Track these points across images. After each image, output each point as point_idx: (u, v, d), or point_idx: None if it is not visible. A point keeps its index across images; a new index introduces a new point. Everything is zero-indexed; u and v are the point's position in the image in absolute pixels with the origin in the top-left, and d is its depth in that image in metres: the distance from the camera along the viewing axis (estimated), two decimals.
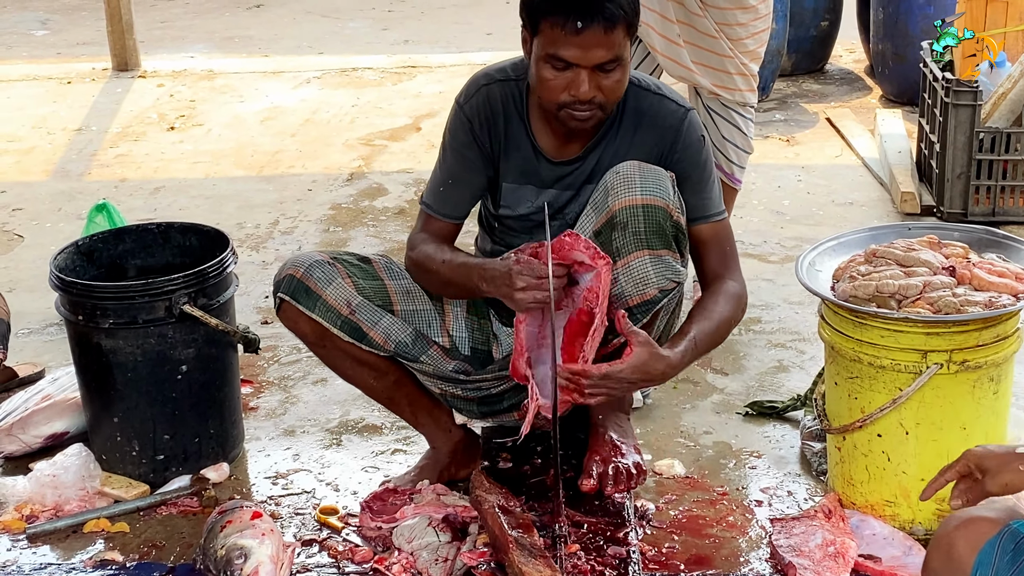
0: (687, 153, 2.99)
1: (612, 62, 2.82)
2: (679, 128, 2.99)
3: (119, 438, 3.37)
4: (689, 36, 4.04)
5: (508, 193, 3.08)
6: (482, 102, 3.03)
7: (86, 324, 3.28)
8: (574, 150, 3.01)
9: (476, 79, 3.08)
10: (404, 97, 7.15)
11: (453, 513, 3.05)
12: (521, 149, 3.04)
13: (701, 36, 4.05)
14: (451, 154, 3.08)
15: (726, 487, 3.30)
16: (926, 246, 3.14)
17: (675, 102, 3.02)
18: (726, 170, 4.20)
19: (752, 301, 4.35)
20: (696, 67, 4.07)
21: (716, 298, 2.96)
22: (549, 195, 3.04)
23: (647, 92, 3.01)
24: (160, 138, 6.54)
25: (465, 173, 3.07)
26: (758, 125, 6.44)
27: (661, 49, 4.05)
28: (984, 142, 4.92)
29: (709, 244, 3.01)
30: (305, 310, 3.07)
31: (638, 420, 3.59)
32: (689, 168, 2.99)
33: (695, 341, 2.86)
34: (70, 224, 5.27)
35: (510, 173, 3.06)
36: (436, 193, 3.11)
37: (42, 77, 7.76)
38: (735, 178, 4.25)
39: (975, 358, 2.93)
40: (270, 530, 2.96)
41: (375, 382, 3.20)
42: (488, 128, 3.03)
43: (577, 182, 3.03)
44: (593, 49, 2.79)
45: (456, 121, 3.07)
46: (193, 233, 3.59)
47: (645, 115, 3.00)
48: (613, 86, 2.86)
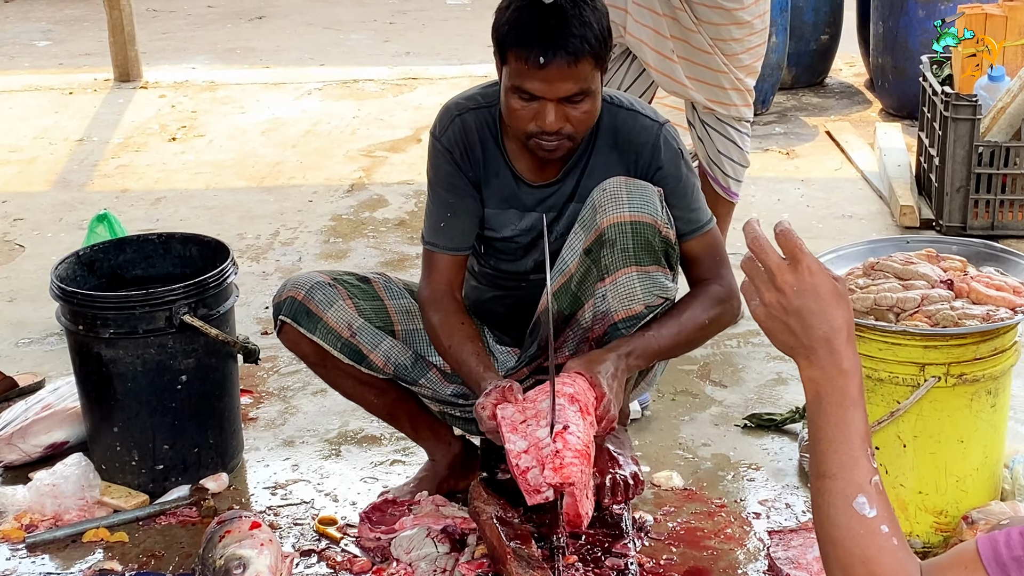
0: (666, 169, 2.98)
1: (579, 95, 2.81)
2: (655, 144, 2.98)
3: (119, 448, 3.38)
4: (683, 51, 4.04)
5: (491, 218, 3.08)
6: (458, 132, 3.03)
7: (86, 334, 3.29)
8: (552, 173, 3.02)
9: (448, 109, 3.07)
10: (405, 108, 7.17)
11: (452, 524, 3.05)
12: (500, 175, 3.04)
13: (695, 51, 4.05)
14: (441, 188, 3.07)
15: (724, 499, 3.31)
16: (924, 259, 3.14)
17: (649, 117, 3.01)
18: (722, 184, 4.21)
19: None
20: (691, 82, 4.07)
21: (691, 301, 2.96)
22: (532, 218, 3.05)
23: (620, 109, 3.01)
24: (161, 149, 6.56)
25: (462, 201, 3.05)
26: (758, 138, 6.47)
27: (655, 65, 4.05)
28: (983, 156, 4.93)
29: (698, 255, 3.01)
30: (306, 332, 3.08)
31: (636, 432, 3.60)
32: (672, 183, 2.98)
33: (653, 339, 2.85)
34: (71, 234, 5.28)
35: (491, 199, 3.06)
36: (438, 230, 3.08)
37: (44, 88, 7.78)
38: (732, 192, 4.25)
39: (973, 371, 2.93)
40: (269, 540, 2.97)
41: (376, 399, 3.22)
42: (467, 157, 3.03)
43: (559, 203, 3.04)
44: (557, 83, 2.78)
45: (436, 154, 3.07)
46: (194, 243, 3.60)
47: (620, 132, 2.99)
48: (581, 117, 2.85)
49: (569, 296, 2.97)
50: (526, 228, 3.07)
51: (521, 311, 3.12)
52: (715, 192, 4.18)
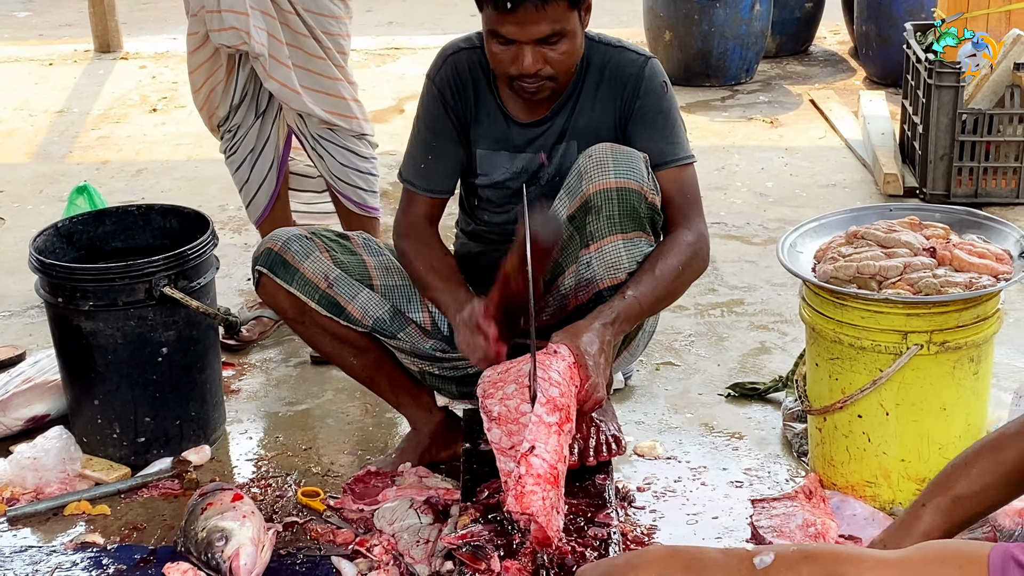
0: (649, 99, 3.00)
1: (553, 36, 2.82)
2: (640, 75, 3.00)
3: (100, 421, 3.36)
4: (299, 59, 3.83)
5: (483, 160, 3.10)
6: (451, 72, 3.06)
7: (66, 306, 3.27)
8: (542, 111, 3.04)
9: (444, 50, 3.12)
10: (388, 79, 7.13)
11: (435, 496, 3.04)
12: (491, 115, 3.07)
13: (311, 58, 3.83)
14: (426, 129, 3.11)
15: (708, 468, 3.31)
16: (907, 227, 3.14)
17: (635, 51, 3.05)
18: (355, 199, 4.00)
19: (735, 283, 4.38)
20: (309, 93, 3.84)
21: (661, 251, 2.91)
22: (524, 159, 3.05)
23: (607, 47, 3.04)
24: (142, 120, 6.52)
25: (444, 146, 3.09)
26: (742, 107, 6.47)
27: (272, 72, 3.80)
28: (967, 124, 4.92)
29: (670, 190, 2.98)
30: (283, 283, 3.08)
31: (619, 401, 3.59)
32: (652, 113, 3.00)
33: (635, 299, 2.81)
34: (51, 206, 5.25)
35: (482, 139, 3.08)
36: (418, 170, 3.12)
37: (24, 59, 7.72)
38: (369, 206, 4.04)
39: (955, 339, 2.93)
40: (251, 512, 2.96)
41: (355, 360, 3.20)
42: (459, 97, 3.06)
43: (548, 143, 3.05)
44: (529, 26, 2.79)
45: (428, 95, 3.10)
46: (174, 215, 3.58)
47: (606, 69, 3.02)
48: (560, 58, 2.86)
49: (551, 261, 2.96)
50: (517, 171, 3.07)
51: None
52: (350, 211, 4.01)
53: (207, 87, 3.92)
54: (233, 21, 3.72)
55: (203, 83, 3.92)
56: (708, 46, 6.70)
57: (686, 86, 6.77)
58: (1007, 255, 3.04)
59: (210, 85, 3.91)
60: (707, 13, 6.65)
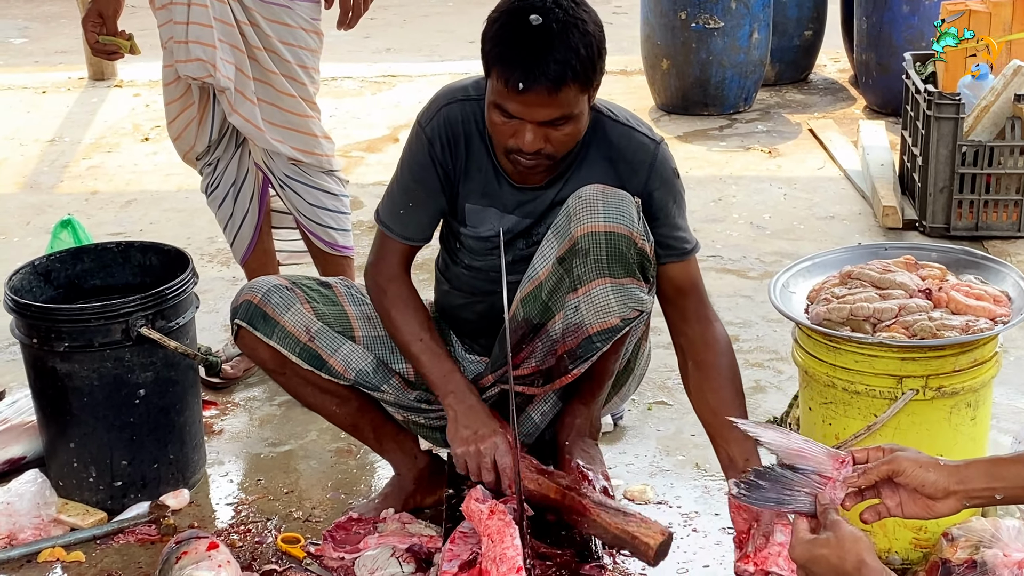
0: (662, 190, 2.89)
1: (560, 119, 2.72)
2: (652, 163, 2.88)
3: (76, 464, 3.28)
4: (267, 95, 3.74)
5: (471, 213, 2.99)
6: (443, 123, 2.93)
7: (41, 347, 3.19)
8: (539, 178, 2.91)
9: (437, 98, 2.98)
10: (383, 107, 7.07)
11: (417, 543, 2.96)
12: (483, 170, 2.95)
13: (280, 96, 3.74)
14: (410, 175, 3.00)
15: (700, 513, 3.22)
16: (902, 267, 3.06)
17: (646, 135, 2.91)
18: (326, 239, 3.89)
19: (730, 319, 4.29)
20: (276, 130, 3.75)
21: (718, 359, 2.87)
22: (512, 220, 2.95)
23: (616, 123, 2.90)
24: (134, 149, 6.46)
25: (426, 195, 2.98)
26: (742, 136, 6.40)
27: (238, 107, 3.71)
28: (967, 155, 4.85)
29: (683, 282, 2.90)
30: (263, 337, 3.00)
31: (610, 444, 3.51)
32: (666, 204, 2.89)
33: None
34: (38, 238, 5.16)
35: (472, 194, 2.97)
36: (396, 215, 3.02)
37: (17, 87, 7.67)
38: (340, 246, 3.94)
39: (952, 384, 2.84)
40: (227, 561, 2.88)
41: (338, 409, 3.12)
42: (448, 151, 2.94)
43: (538, 210, 2.94)
44: (536, 108, 2.68)
45: (417, 141, 2.98)
46: (154, 252, 3.50)
47: (614, 147, 2.89)
48: (563, 139, 2.76)
49: (539, 304, 2.88)
50: (506, 229, 2.97)
51: (492, 318, 3.02)
52: (322, 251, 3.92)
53: (181, 120, 3.86)
54: (200, 53, 3.64)
55: (177, 115, 3.86)
56: (706, 74, 6.64)
57: (683, 115, 6.70)
58: (1005, 296, 2.96)
59: (184, 119, 3.85)
60: (705, 41, 6.58)
